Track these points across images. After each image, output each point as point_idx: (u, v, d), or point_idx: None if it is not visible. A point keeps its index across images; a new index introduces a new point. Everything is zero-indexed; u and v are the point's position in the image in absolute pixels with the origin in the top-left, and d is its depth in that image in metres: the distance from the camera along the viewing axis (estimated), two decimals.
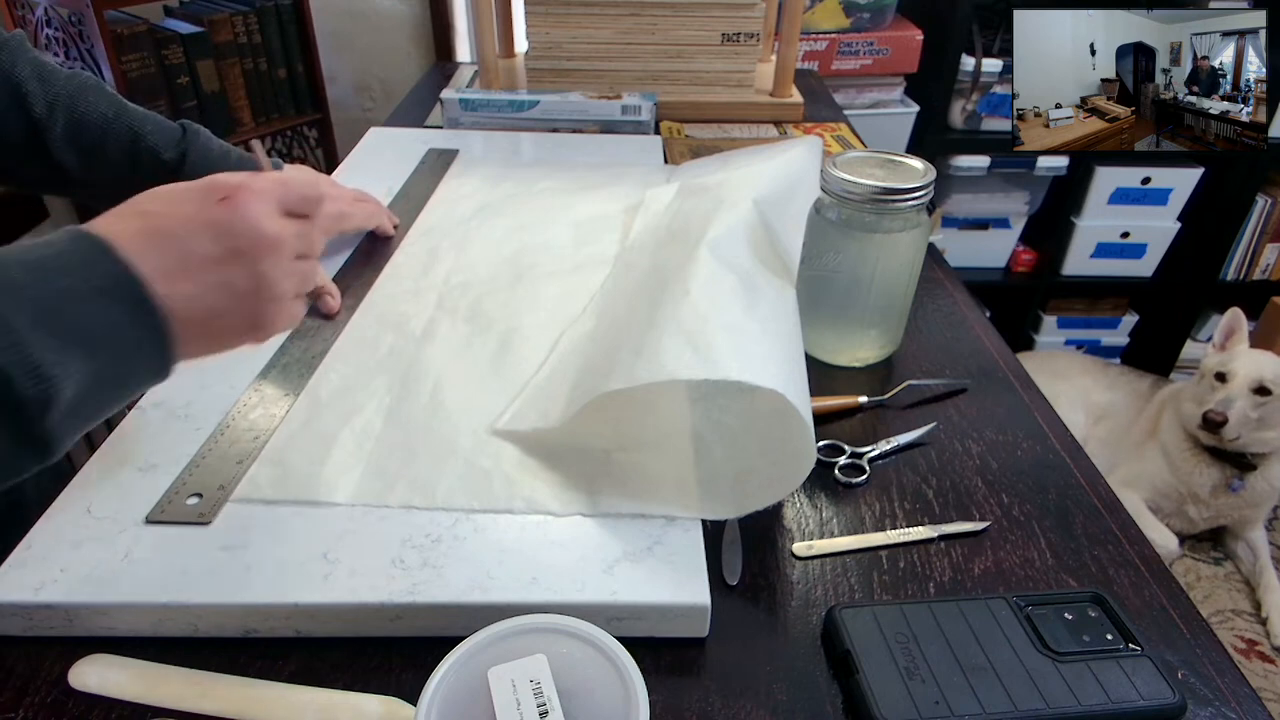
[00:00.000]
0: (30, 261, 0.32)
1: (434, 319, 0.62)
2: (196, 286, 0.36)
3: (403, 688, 0.39)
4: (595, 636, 0.33)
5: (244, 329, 0.40)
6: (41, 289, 0.32)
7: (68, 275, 0.33)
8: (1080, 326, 2.10)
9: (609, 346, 0.52)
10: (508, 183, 0.84)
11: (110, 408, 0.36)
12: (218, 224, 0.37)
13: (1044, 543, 0.49)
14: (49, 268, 0.32)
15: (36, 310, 0.31)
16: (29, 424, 0.32)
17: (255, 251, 0.38)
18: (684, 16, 1.05)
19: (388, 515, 0.45)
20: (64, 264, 0.33)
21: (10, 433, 0.32)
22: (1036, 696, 0.38)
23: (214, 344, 0.39)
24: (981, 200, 1.92)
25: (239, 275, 0.38)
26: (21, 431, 0.32)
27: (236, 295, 0.38)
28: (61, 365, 0.31)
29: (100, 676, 0.38)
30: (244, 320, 0.39)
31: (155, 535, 0.43)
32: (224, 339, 0.40)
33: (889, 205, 0.57)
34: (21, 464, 0.34)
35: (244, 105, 1.61)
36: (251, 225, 0.38)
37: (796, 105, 1.12)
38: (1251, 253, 1.95)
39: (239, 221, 0.38)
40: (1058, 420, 0.59)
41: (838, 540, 0.48)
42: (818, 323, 0.62)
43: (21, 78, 0.57)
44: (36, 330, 0.31)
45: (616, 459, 0.49)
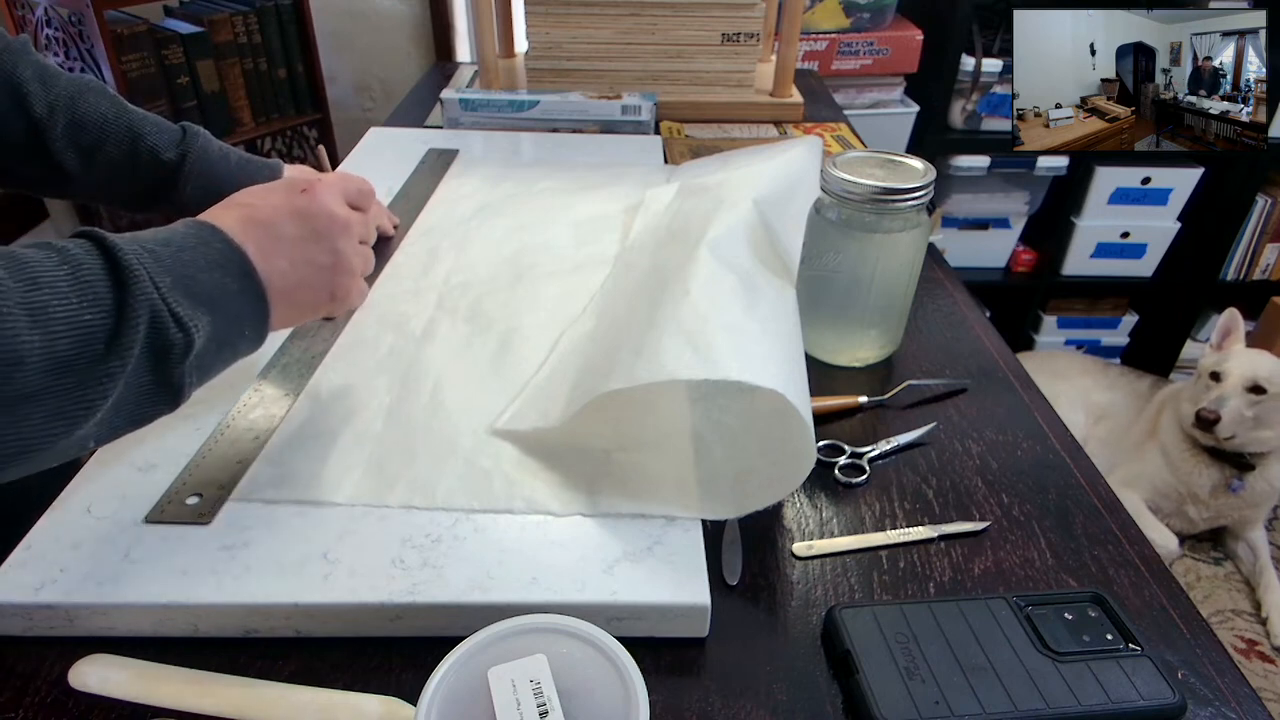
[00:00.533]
0: (160, 239, 0.38)
1: (434, 319, 0.62)
2: (288, 262, 0.43)
3: (403, 688, 0.39)
4: (595, 636, 0.33)
5: (325, 300, 0.47)
6: (174, 260, 0.38)
7: (191, 251, 0.39)
8: (1080, 326, 2.10)
9: (609, 346, 0.52)
10: (508, 183, 0.84)
11: (221, 367, 0.42)
12: (301, 211, 0.45)
13: (1044, 543, 0.49)
14: (176, 244, 0.39)
15: (173, 275, 0.37)
16: (171, 366, 0.37)
17: (331, 231, 0.46)
18: (684, 16, 1.05)
19: (388, 515, 0.45)
20: (187, 243, 0.39)
21: (157, 374, 0.37)
22: (1036, 696, 0.38)
23: (301, 313, 0.46)
24: (981, 200, 1.92)
25: (320, 252, 0.45)
26: (165, 373, 0.37)
27: (318, 269, 0.45)
28: (195, 319, 0.37)
29: (100, 676, 0.38)
30: (325, 292, 0.46)
31: (155, 535, 0.43)
32: (309, 309, 0.47)
33: (889, 205, 0.57)
34: (157, 407, 0.38)
35: (244, 105, 1.61)
36: (327, 210, 0.46)
37: (796, 105, 1.12)
38: (1251, 253, 1.95)
39: (317, 207, 0.45)
40: (1058, 420, 0.59)
41: (838, 540, 0.48)
42: (818, 323, 0.62)
43: (23, 79, 0.57)
44: (175, 290, 0.37)
45: (616, 459, 0.49)
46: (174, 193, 0.61)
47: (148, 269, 0.36)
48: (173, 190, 0.61)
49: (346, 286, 0.48)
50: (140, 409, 0.38)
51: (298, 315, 0.46)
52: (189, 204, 0.61)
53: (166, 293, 0.36)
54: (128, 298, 0.35)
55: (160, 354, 0.36)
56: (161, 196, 0.62)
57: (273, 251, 0.43)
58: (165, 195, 0.62)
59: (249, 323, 0.42)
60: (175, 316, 0.36)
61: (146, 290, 0.35)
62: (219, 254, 0.40)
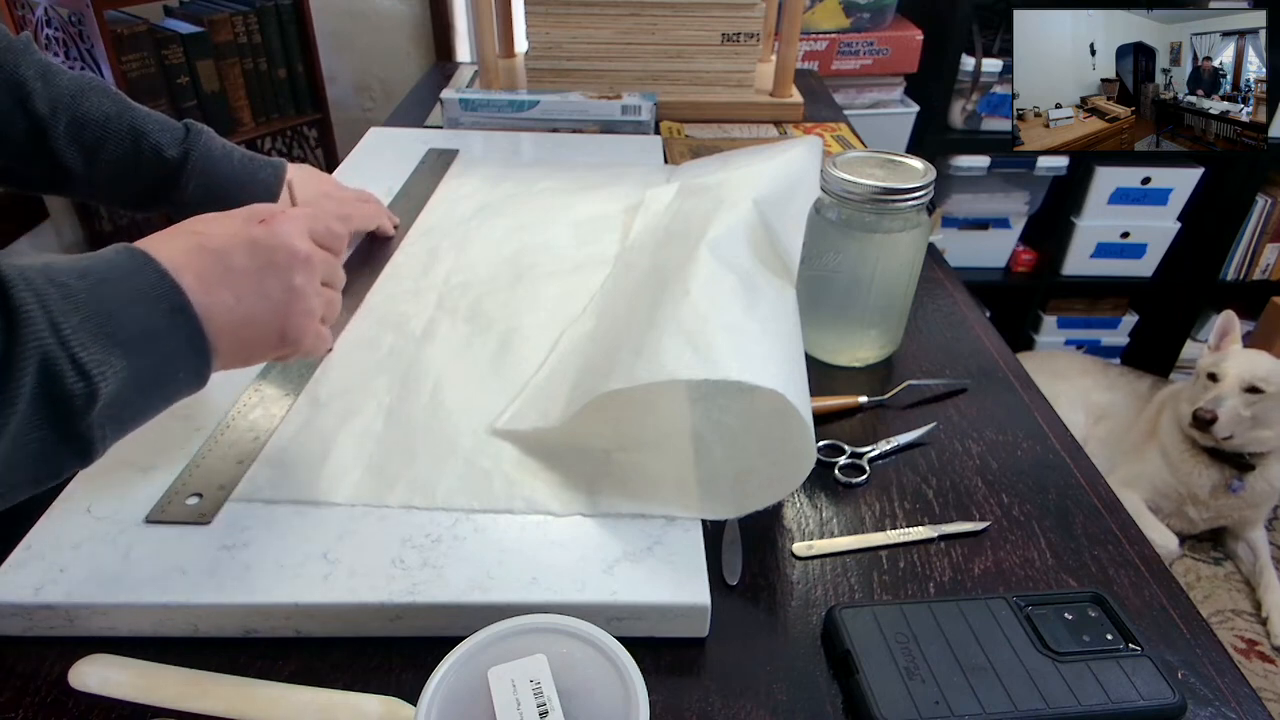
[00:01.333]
0: (79, 269, 0.35)
1: (434, 319, 0.62)
2: (234, 295, 0.40)
3: (403, 688, 0.39)
4: (595, 636, 0.33)
5: (275, 340, 0.42)
6: (89, 294, 0.34)
7: (115, 283, 0.35)
8: (1080, 326, 2.10)
9: (609, 346, 0.52)
10: (508, 183, 0.84)
11: (150, 412, 0.38)
12: (256, 240, 0.41)
13: (1044, 543, 0.49)
14: (96, 275, 0.35)
15: (84, 313, 0.33)
16: (72, 420, 0.33)
17: (289, 265, 0.42)
18: (684, 16, 1.05)
19: (388, 515, 0.45)
20: (110, 272, 0.35)
21: (55, 428, 0.33)
22: (1036, 696, 0.38)
23: (248, 352, 0.42)
24: (981, 200, 1.92)
25: (273, 286, 0.41)
26: (65, 427, 0.33)
27: (270, 304, 0.41)
28: (105, 364, 0.33)
29: (100, 676, 0.38)
30: (276, 331, 0.42)
31: (155, 535, 0.43)
32: (257, 349, 0.42)
33: (889, 205, 0.57)
34: (62, 462, 0.35)
35: (244, 105, 1.61)
36: (286, 242, 0.42)
37: (796, 105, 1.12)
38: (1251, 253, 1.95)
39: (275, 238, 0.42)
40: (1058, 420, 0.59)
41: (838, 540, 0.48)
42: (818, 323, 0.62)
43: (25, 78, 0.57)
44: (83, 330, 0.33)
45: (616, 459, 0.49)
46: (176, 191, 0.61)
47: (48, 307, 0.32)
48: (174, 189, 0.61)
49: (300, 327, 0.43)
50: (41, 466, 0.34)
51: (245, 354, 0.42)
52: (190, 202, 0.61)
53: (70, 334, 0.32)
54: (12, 342, 0.31)
55: (57, 404, 0.32)
56: (163, 195, 0.62)
57: (218, 282, 0.39)
58: (167, 194, 0.62)
59: (184, 362, 0.38)
60: (76, 362, 0.32)
61: (38, 333, 0.31)
62: (148, 286, 0.36)
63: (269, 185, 0.63)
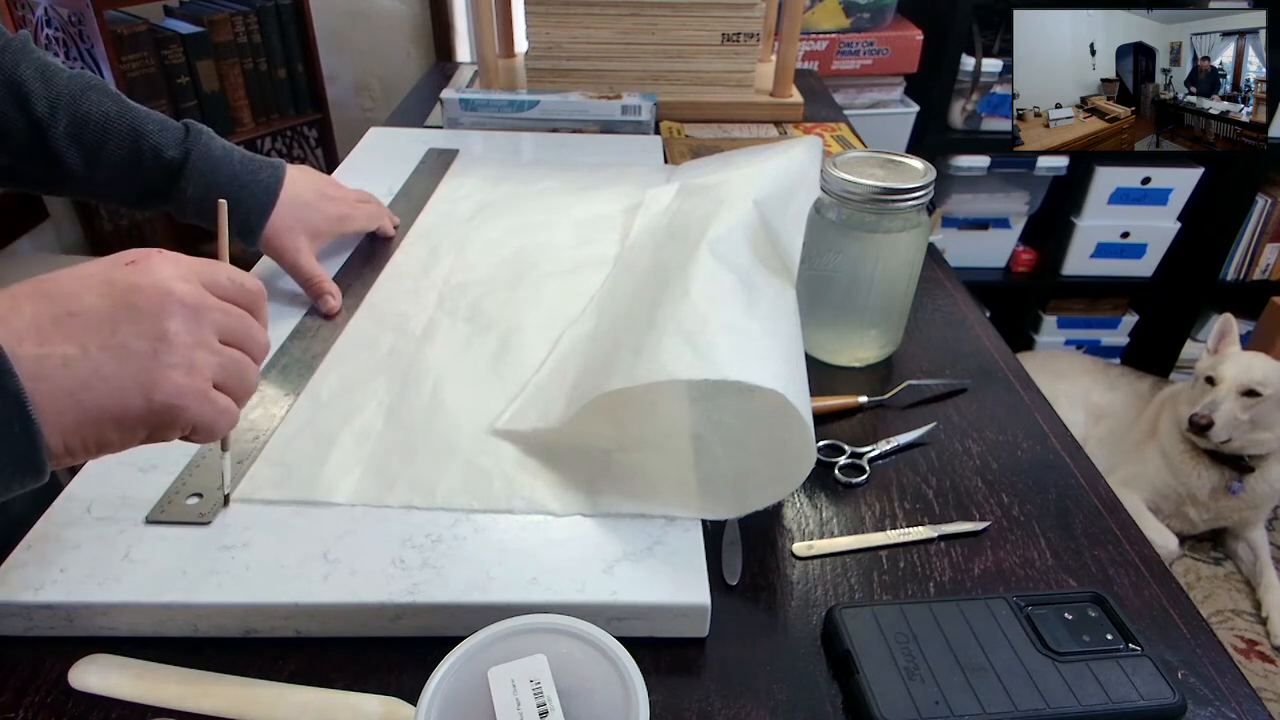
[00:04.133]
0: None
1: (434, 319, 0.62)
2: (77, 346, 0.31)
3: (403, 688, 0.39)
4: (595, 636, 0.33)
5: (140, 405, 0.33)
6: None
7: None
8: (1080, 326, 2.10)
9: (609, 346, 0.52)
10: (508, 183, 0.84)
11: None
12: (117, 281, 0.33)
13: (1044, 543, 0.49)
14: None
15: None
16: None
17: (158, 308, 0.33)
18: (684, 16, 1.05)
19: (388, 515, 0.45)
20: None
21: None
22: (1036, 696, 0.38)
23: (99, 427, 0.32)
24: (981, 200, 1.92)
25: (132, 332, 0.32)
26: None
27: (128, 355, 0.32)
28: None
29: (100, 676, 0.38)
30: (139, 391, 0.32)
31: (155, 535, 0.43)
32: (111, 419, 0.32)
33: (889, 205, 0.57)
34: None
35: (244, 105, 1.61)
36: (156, 282, 0.34)
37: (796, 105, 1.12)
38: (1251, 253, 1.95)
39: (143, 278, 0.33)
40: (1058, 420, 0.59)
41: (838, 540, 0.48)
42: (818, 323, 0.62)
43: (24, 77, 0.57)
44: None
45: (616, 459, 0.49)
46: (175, 192, 0.61)
47: None
48: (174, 189, 0.61)
49: (178, 388, 0.33)
50: None
51: (96, 430, 0.32)
52: (190, 203, 0.61)
53: None
54: None
55: None
56: (163, 195, 0.62)
57: (54, 331, 0.31)
58: (167, 194, 0.62)
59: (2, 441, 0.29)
60: None
61: None
62: None
63: (269, 186, 0.63)
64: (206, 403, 0.35)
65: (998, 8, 1.68)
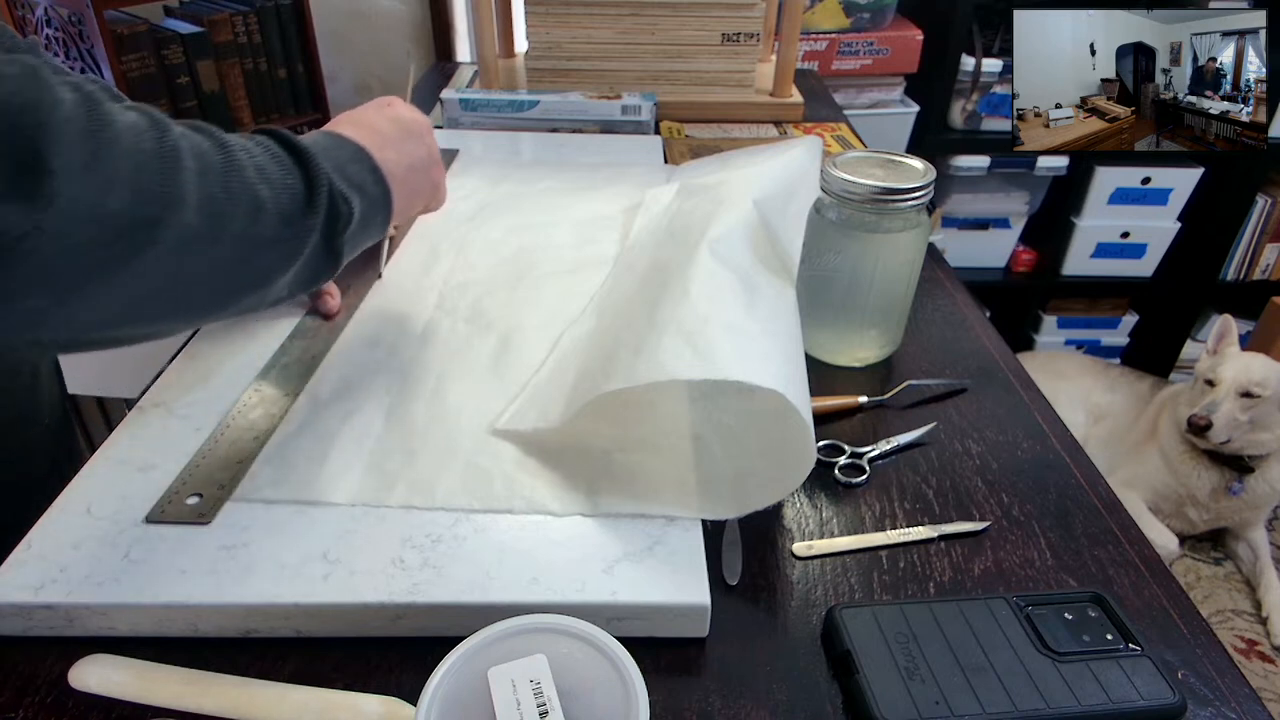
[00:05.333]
0: (309, 142, 0.45)
1: (434, 319, 0.62)
2: (397, 154, 0.51)
3: (403, 688, 0.39)
4: (595, 636, 0.33)
5: (428, 188, 0.57)
6: (328, 154, 0.45)
7: (335, 149, 0.47)
8: (1080, 326, 2.10)
9: (609, 346, 0.52)
10: (508, 183, 0.84)
11: (360, 247, 0.49)
12: (392, 117, 0.54)
13: (1044, 543, 0.49)
14: (322, 144, 0.46)
15: (331, 165, 0.45)
16: (337, 235, 0.45)
17: (421, 131, 0.55)
18: (684, 16, 1.05)
19: (388, 515, 0.45)
20: (329, 144, 0.47)
21: (328, 240, 0.44)
22: (1036, 696, 0.38)
23: (411, 200, 0.55)
24: (981, 200, 1.92)
25: (417, 147, 0.54)
26: (333, 240, 0.45)
27: (418, 163, 0.54)
28: (351, 198, 0.45)
29: (100, 676, 0.38)
30: (428, 181, 0.56)
31: (155, 535, 0.43)
32: (418, 197, 0.56)
33: (889, 205, 0.57)
34: (322, 270, 0.46)
35: (244, 105, 1.61)
36: (414, 115, 0.56)
37: (796, 105, 1.12)
38: (1251, 253, 1.95)
39: (404, 112, 0.55)
40: (1058, 420, 0.59)
41: (838, 540, 0.48)
42: (818, 323, 0.62)
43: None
44: (336, 175, 0.44)
45: (616, 459, 0.49)
46: None
47: (323, 158, 0.44)
48: None
49: (438, 180, 0.58)
50: (314, 272, 0.45)
51: (409, 204, 0.54)
52: None
53: (337, 177, 0.44)
54: (312, 171, 0.42)
55: (333, 222, 0.44)
56: None
57: (383, 146, 0.50)
58: None
59: (380, 208, 0.49)
60: (343, 195, 0.44)
61: (323, 168, 0.43)
62: (352, 152, 0.48)
63: None
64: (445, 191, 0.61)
65: (998, 8, 1.68)
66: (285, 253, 0.42)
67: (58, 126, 0.31)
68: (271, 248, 0.41)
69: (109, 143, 0.33)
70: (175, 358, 0.57)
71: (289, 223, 0.41)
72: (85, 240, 0.33)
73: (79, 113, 0.32)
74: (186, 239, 0.36)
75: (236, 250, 0.39)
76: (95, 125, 0.33)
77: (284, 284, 0.43)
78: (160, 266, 0.36)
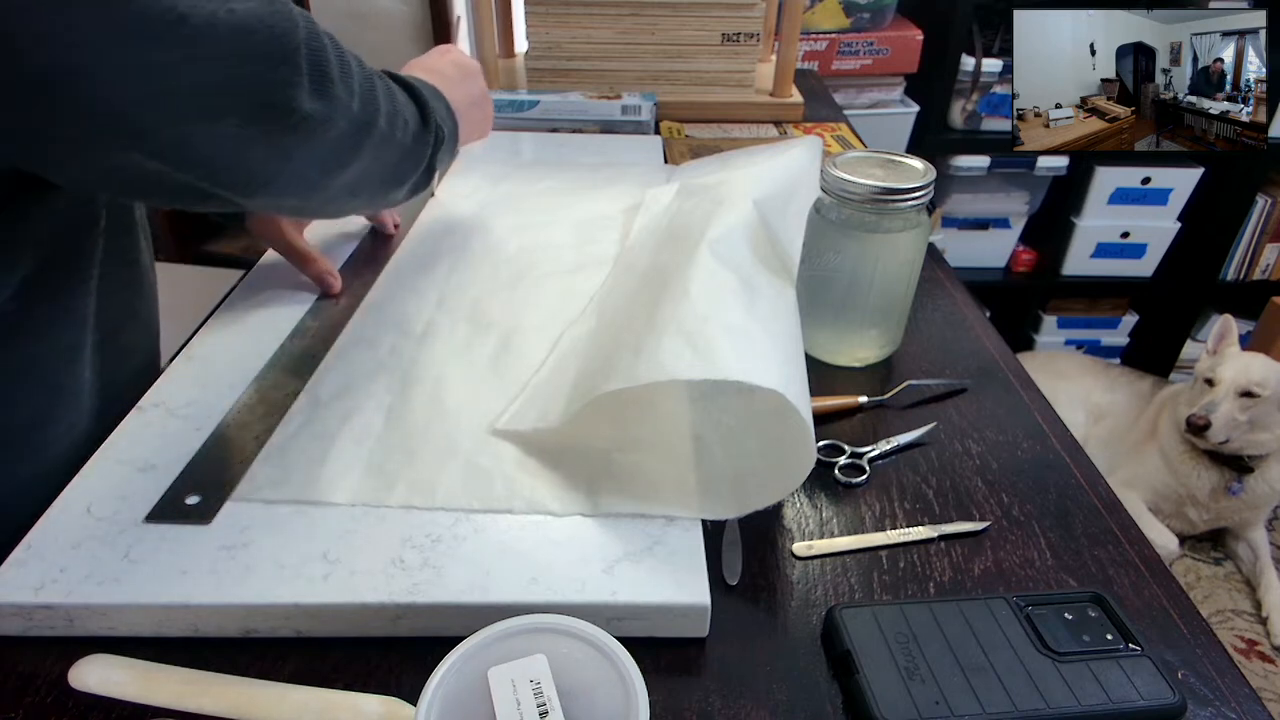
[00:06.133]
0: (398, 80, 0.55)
1: (434, 319, 0.62)
2: (460, 94, 0.63)
3: (403, 688, 0.39)
4: (595, 636, 0.33)
5: (482, 122, 0.70)
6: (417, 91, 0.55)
7: (417, 89, 0.56)
8: (1080, 326, 2.10)
9: (609, 346, 0.52)
10: (508, 182, 0.84)
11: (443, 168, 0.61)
12: (456, 62, 0.66)
13: (1044, 543, 0.49)
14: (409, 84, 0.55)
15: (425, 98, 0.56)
16: (434, 156, 0.57)
17: (476, 73, 0.69)
18: (684, 16, 1.05)
19: (388, 515, 0.45)
20: (417, 83, 0.56)
21: (431, 156, 0.57)
22: (1036, 696, 0.38)
23: (471, 132, 0.67)
24: (981, 200, 1.92)
25: (474, 87, 0.67)
26: (431, 157, 0.57)
27: (475, 99, 0.67)
28: (442, 126, 0.57)
29: (100, 676, 0.38)
30: (482, 116, 0.70)
31: (155, 535, 0.43)
32: (475, 129, 0.69)
33: (889, 205, 0.57)
34: (423, 181, 0.58)
35: None
36: (469, 60, 0.69)
37: (796, 105, 1.12)
38: (1251, 253, 1.95)
39: (461, 57, 0.68)
40: (1058, 420, 0.59)
41: (838, 540, 0.48)
42: (818, 323, 0.62)
43: None
44: (430, 107, 0.56)
45: (616, 459, 0.49)
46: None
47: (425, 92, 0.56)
48: None
49: (489, 111, 0.71)
50: (422, 181, 0.58)
51: (469, 134, 0.66)
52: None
53: (433, 108, 0.56)
54: (421, 102, 0.55)
55: (437, 143, 0.57)
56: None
57: (450, 87, 0.61)
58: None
59: (453, 137, 0.60)
60: (440, 120, 0.57)
61: (429, 103, 0.55)
62: (431, 89, 0.58)
63: None
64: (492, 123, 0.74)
65: (998, 8, 1.68)
66: (417, 160, 0.55)
67: (328, 47, 0.45)
68: (411, 155, 0.54)
69: (345, 62, 0.46)
70: (175, 358, 0.57)
71: (419, 138, 0.54)
72: (344, 131, 0.46)
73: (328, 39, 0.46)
74: (382, 138, 0.49)
75: (397, 153, 0.52)
76: (336, 48, 0.46)
77: (409, 186, 0.57)
78: (371, 155, 0.49)
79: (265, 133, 0.42)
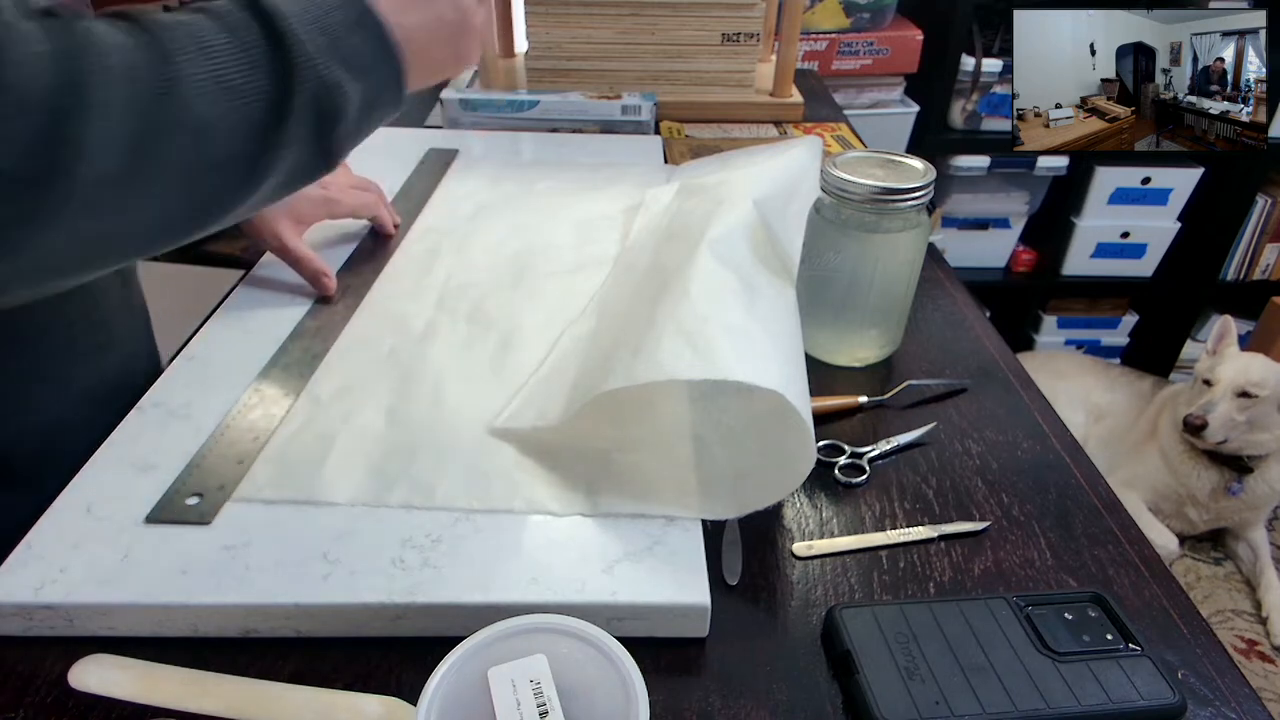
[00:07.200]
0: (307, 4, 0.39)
1: (434, 319, 0.62)
2: (420, 17, 0.45)
3: (403, 688, 0.39)
4: (595, 636, 0.33)
5: (452, 60, 0.49)
6: (322, 23, 0.39)
7: (336, 9, 0.40)
8: (1080, 326, 2.10)
9: (609, 346, 0.52)
10: (508, 183, 0.84)
11: (368, 131, 0.44)
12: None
13: (1044, 543, 0.49)
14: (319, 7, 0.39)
15: (324, 41, 0.39)
16: (328, 133, 0.40)
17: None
18: (684, 16, 1.05)
19: (388, 515, 0.45)
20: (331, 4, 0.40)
21: (314, 140, 0.40)
22: (1036, 696, 0.38)
23: (431, 71, 0.48)
24: (981, 200, 1.92)
25: (447, 8, 0.47)
26: (321, 139, 0.40)
27: (447, 25, 0.47)
28: (346, 86, 0.40)
29: (100, 676, 0.38)
30: (452, 51, 0.48)
31: (155, 535, 0.43)
32: (438, 68, 0.48)
33: (889, 205, 0.57)
34: (313, 170, 0.42)
35: None
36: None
37: (796, 105, 1.12)
38: (1251, 253, 1.95)
39: None
40: (1058, 420, 0.59)
41: (838, 540, 0.48)
42: (818, 323, 0.62)
43: None
44: (327, 57, 0.38)
45: (616, 459, 0.49)
46: None
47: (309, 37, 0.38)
48: None
49: (469, 45, 0.50)
50: (300, 177, 0.41)
51: (428, 74, 0.48)
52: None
53: (323, 61, 0.38)
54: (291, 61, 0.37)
55: (320, 121, 0.39)
56: None
57: (404, 8, 0.44)
58: None
59: (389, 83, 0.43)
60: (333, 84, 0.39)
61: (307, 53, 0.38)
62: (358, 13, 0.41)
63: None
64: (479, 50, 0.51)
65: (998, 8, 1.68)
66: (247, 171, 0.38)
67: None
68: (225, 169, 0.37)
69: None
70: (175, 358, 0.57)
71: (253, 137, 0.37)
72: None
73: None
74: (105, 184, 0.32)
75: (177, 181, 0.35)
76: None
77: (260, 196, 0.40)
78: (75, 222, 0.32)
79: None
